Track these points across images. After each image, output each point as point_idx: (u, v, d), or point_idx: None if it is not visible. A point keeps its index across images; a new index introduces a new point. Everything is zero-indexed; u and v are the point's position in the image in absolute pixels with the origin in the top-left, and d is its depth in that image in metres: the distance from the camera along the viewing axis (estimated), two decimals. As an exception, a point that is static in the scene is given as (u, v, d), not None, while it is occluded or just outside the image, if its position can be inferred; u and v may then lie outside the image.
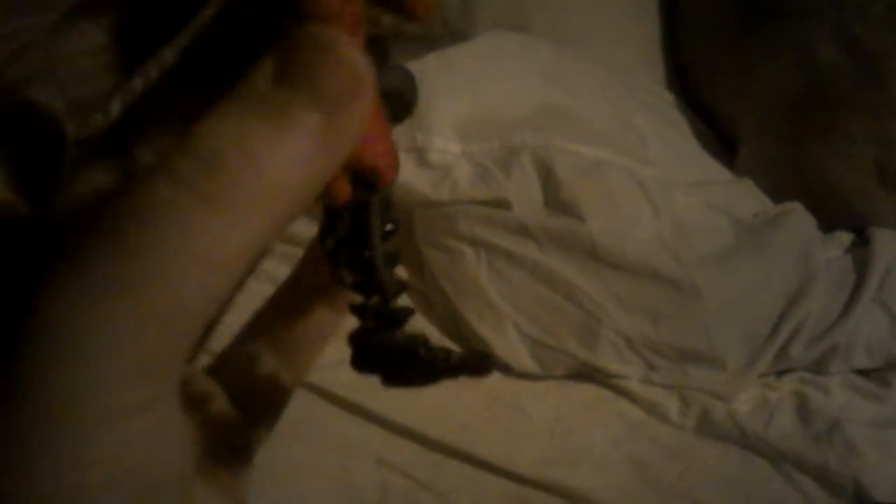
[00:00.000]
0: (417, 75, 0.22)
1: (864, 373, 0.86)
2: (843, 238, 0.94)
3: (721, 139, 1.09)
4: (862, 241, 0.93)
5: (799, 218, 0.91)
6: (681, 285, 0.77)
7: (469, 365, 0.21)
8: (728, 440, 0.76)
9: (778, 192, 0.98)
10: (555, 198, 0.77)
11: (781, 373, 0.84)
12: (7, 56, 0.18)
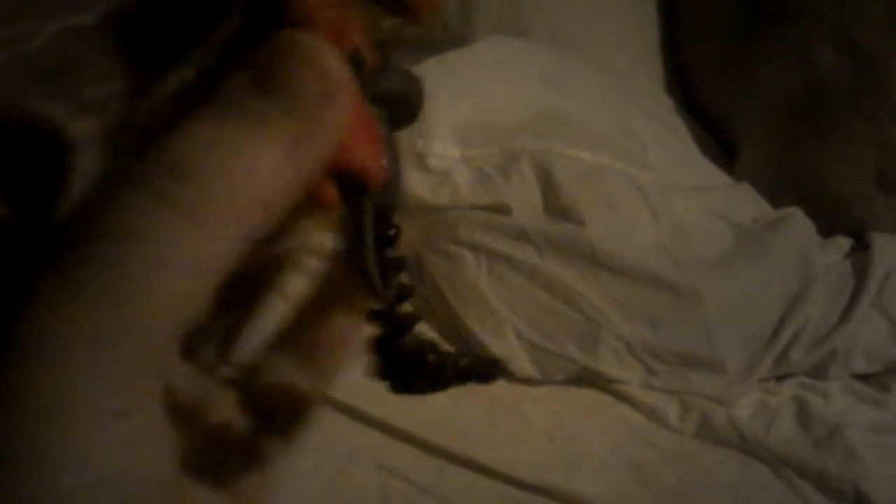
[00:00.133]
0: None
1: (863, 377, 0.86)
2: (843, 243, 0.94)
3: (720, 144, 1.09)
4: (861, 246, 0.94)
5: (798, 223, 0.91)
6: (680, 290, 0.77)
7: (478, 370, 0.21)
8: (728, 445, 0.76)
9: (777, 196, 0.99)
10: (554, 203, 0.77)
11: (781, 378, 0.84)
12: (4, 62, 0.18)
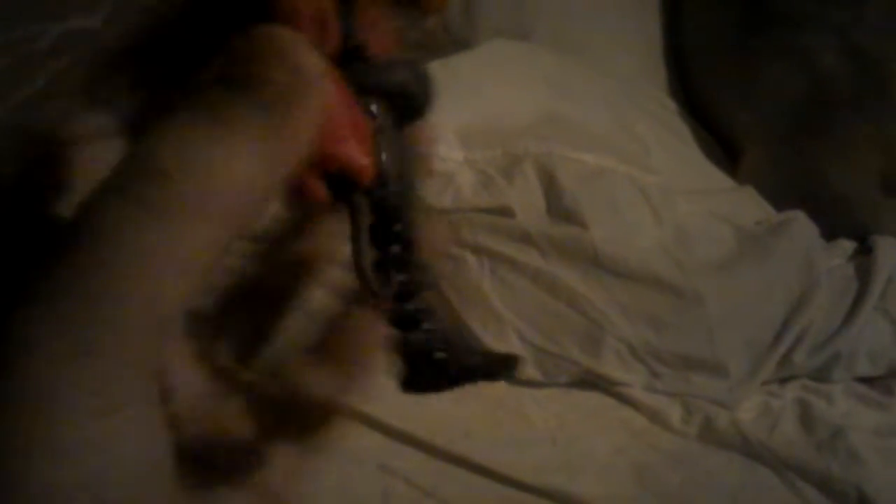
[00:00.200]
0: None
1: (866, 380, 0.86)
2: (846, 246, 0.94)
3: (723, 147, 1.09)
4: (864, 250, 0.93)
5: (801, 226, 0.91)
6: (683, 293, 0.77)
7: (487, 368, 0.20)
8: (731, 448, 0.76)
9: (780, 199, 0.98)
10: (557, 205, 0.77)
11: (784, 380, 0.84)
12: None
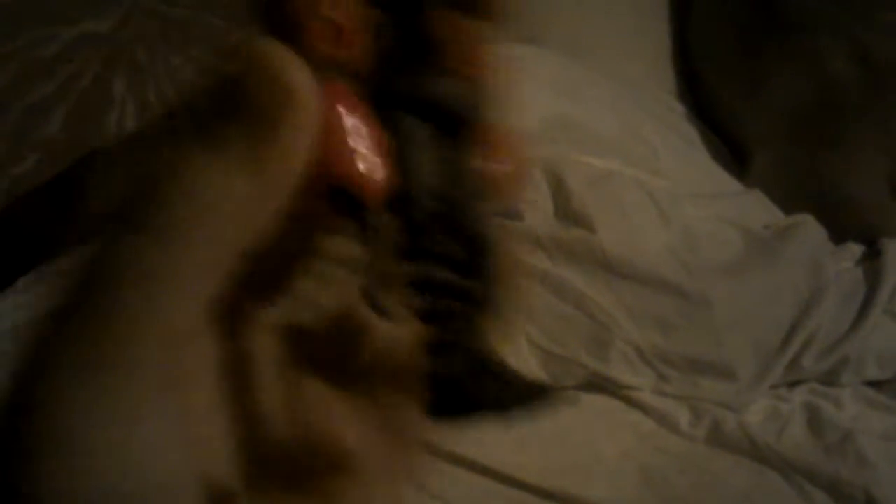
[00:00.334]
0: None
1: (875, 384, 0.86)
2: (854, 250, 0.94)
3: (732, 150, 1.09)
4: (873, 253, 0.93)
5: (810, 229, 0.91)
6: (691, 296, 0.77)
7: (524, 399, 0.19)
8: (739, 451, 0.76)
9: (789, 203, 0.98)
10: (565, 208, 0.77)
11: (793, 384, 0.84)
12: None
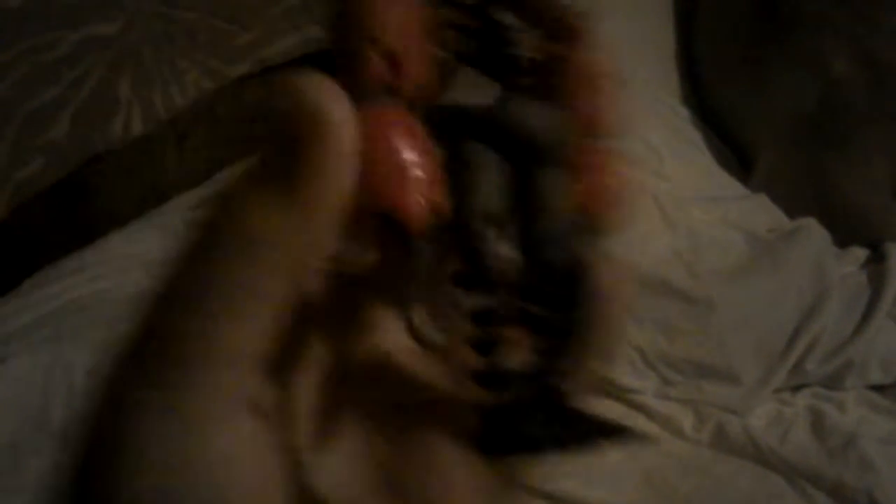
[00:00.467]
0: None
1: (878, 388, 0.86)
2: (858, 254, 0.94)
3: (736, 154, 1.09)
4: (877, 257, 0.93)
5: (814, 233, 0.91)
6: (695, 300, 0.78)
7: (590, 439, 0.18)
8: (742, 455, 0.76)
9: (793, 207, 0.99)
10: (570, 212, 0.78)
11: (796, 388, 0.84)
12: None
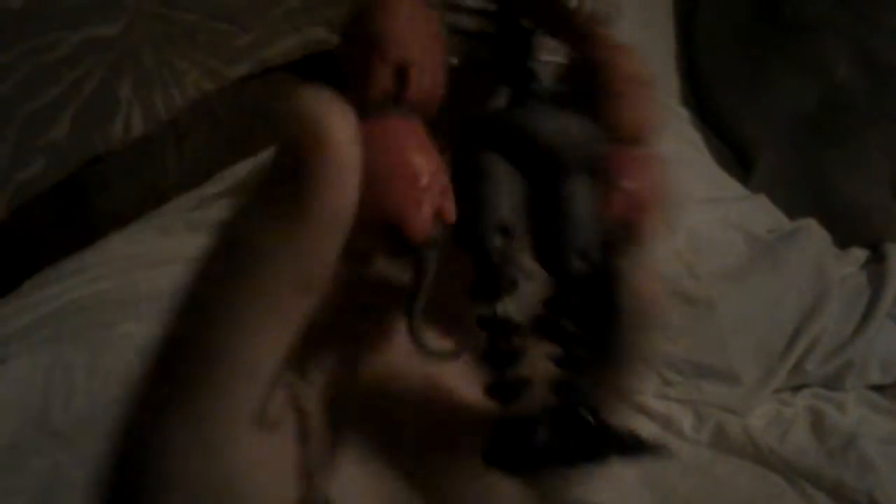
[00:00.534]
0: None
1: (879, 388, 0.86)
2: (858, 254, 0.94)
3: (736, 155, 1.09)
4: (877, 257, 0.93)
5: (814, 234, 0.91)
6: (695, 300, 0.78)
7: (618, 450, 0.17)
8: (742, 455, 0.76)
9: (793, 207, 0.99)
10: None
11: (796, 388, 0.84)
12: None
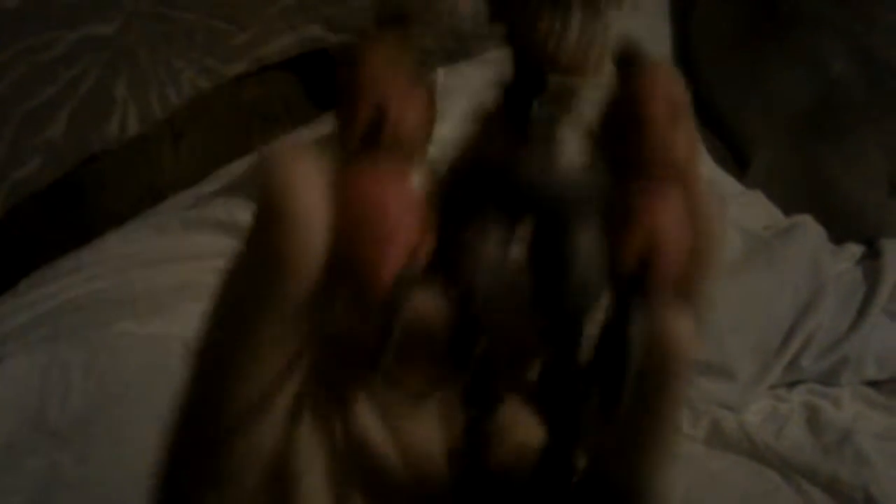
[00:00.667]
0: None
1: (874, 384, 0.86)
2: (854, 250, 0.95)
3: (732, 151, 1.09)
4: (873, 254, 0.94)
5: (809, 230, 0.91)
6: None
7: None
8: (738, 451, 0.76)
9: (789, 203, 0.99)
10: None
11: (792, 384, 0.84)
12: None
